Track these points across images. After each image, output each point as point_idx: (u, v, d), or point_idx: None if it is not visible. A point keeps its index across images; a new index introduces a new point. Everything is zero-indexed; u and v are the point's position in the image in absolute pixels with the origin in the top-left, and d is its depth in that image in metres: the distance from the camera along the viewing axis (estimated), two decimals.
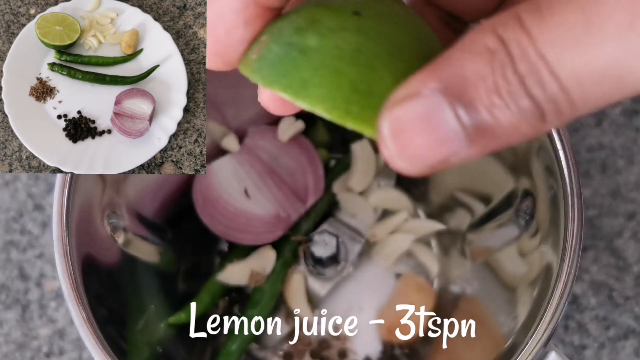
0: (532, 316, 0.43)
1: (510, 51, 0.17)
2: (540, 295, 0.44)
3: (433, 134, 0.17)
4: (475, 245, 0.57)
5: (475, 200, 0.57)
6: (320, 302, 0.61)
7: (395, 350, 0.61)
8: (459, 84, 0.17)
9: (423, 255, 0.63)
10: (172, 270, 0.58)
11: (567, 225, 0.41)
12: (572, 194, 0.41)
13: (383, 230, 0.61)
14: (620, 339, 0.61)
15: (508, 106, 0.17)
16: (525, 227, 0.48)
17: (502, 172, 0.51)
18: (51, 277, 0.64)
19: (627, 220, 0.64)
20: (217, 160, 0.59)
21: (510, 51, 0.17)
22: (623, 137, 0.67)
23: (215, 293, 0.58)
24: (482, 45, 0.17)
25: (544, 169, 0.44)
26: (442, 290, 0.62)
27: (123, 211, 0.50)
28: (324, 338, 0.61)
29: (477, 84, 0.17)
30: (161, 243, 0.56)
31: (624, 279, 0.62)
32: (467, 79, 0.17)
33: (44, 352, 0.62)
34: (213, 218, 0.58)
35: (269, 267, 0.58)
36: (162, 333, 0.52)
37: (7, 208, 0.67)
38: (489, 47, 0.17)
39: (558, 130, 0.42)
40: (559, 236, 0.42)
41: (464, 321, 0.55)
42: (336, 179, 0.62)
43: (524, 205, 0.48)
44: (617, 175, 0.65)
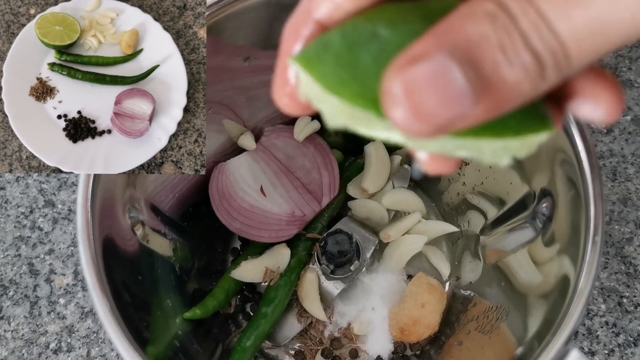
0: (550, 317, 0.43)
1: (511, 12, 0.18)
2: (557, 299, 0.43)
3: (443, 93, 0.18)
4: (489, 248, 0.57)
5: (488, 203, 0.57)
6: (333, 302, 0.61)
7: (406, 350, 0.61)
8: (464, 45, 0.18)
9: (435, 256, 0.63)
10: (187, 266, 0.58)
11: (588, 230, 0.41)
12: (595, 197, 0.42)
13: (396, 231, 0.61)
14: (630, 346, 0.61)
15: (512, 62, 0.18)
16: (543, 229, 0.48)
17: (518, 179, 0.51)
18: (60, 274, 0.64)
19: (638, 228, 0.64)
20: (233, 158, 0.60)
21: (511, 12, 0.18)
22: (634, 144, 0.67)
23: (229, 290, 0.58)
24: (482, 10, 0.18)
25: (565, 175, 0.44)
26: (454, 291, 0.62)
27: (142, 205, 0.50)
28: (336, 337, 0.61)
29: (482, 44, 0.18)
30: (177, 238, 0.56)
31: (634, 285, 0.62)
32: (471, 40, 0.18)
33: (52, 348, 0.62)
34: (229, 215, 0.58)
35: (283, 265, 0.58)
36: (177, 328, 0.52)
37: (17, 204, 0.67)
38: (489, 11, 0.18)
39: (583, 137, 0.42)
40: (579, 240, 0.42)
41: (476, 322, 0.56)
42: (351, 180, 0.63)
43: (542, 206, 0.48)
44: (627, 183, 0.66)
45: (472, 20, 0.18)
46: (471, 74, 0.18)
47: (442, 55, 0.18)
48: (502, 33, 0.18)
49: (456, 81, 0.18)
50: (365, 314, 0.60)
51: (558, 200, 0.46)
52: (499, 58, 0.18)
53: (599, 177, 0.42)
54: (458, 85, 0.18)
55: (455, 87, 0.18)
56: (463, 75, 0.18)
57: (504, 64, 0.18)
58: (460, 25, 0.18)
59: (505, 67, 0.18)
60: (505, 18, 0.18)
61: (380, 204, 0.62)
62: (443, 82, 0.18)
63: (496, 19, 0.18)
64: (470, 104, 0.18)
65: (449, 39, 0.18)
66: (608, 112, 0.21)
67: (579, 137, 0.42)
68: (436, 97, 0.18)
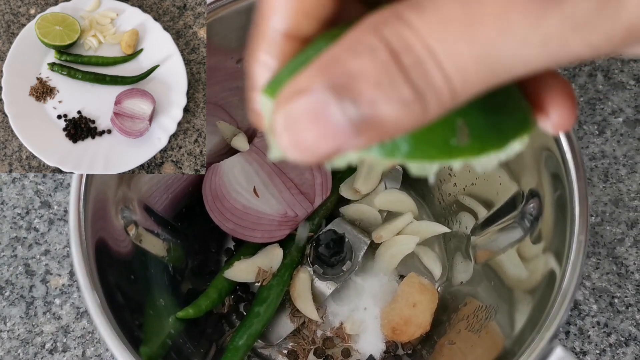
0: (536, 315, 0.44)
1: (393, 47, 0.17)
2: (543, 296, 0.44)
3: (321, 128, 0.18)
4: (479, 248, 0.57)
5: (479, 203, 0.57)
6: (326, 301, 0.62)
7: (398, 350, 0.61)
8: (343, 80, 0.17)
9: (427, 256, 0.63)
10: (180, 266, 0.58)
11: (573, 229, 0.42)
12: (580, 197, 0.42)
13: (388, 232, 0.61)
14: (621, 346, 0.61)
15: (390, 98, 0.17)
16: (530, 228, 0.48)
17: (507, 178, 0.51)
18: (56, 274, 0.64)
19: (629, 228, 0.65)
20: (227, 159, 0.60)
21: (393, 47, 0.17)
22: (625, 146, 0.67)
23: (222, 290, 0.58)
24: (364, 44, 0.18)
25: (551, 175, 0.44)
26: (446, 291, 0.63)
27: (135, 206, 0.50)
28: (328, 337, 0.62)
29: (360, 80, 0.17)
30: (170, 239, 0.56)
31: (625, 286, 0.63)
32: (350, 75, 0.18)
33: (48, 348, 0.62)
34: (222, 215, 0.58)
35: (276, 265, 0.58)
36: (170, 327, 0.52)
37: (13, 205, 0.67)
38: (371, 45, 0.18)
39: (568, 137, 0.42)
40: (564, 239, 0.42)
41: (467, 322, 0.56)
42: (343, 180, 0.63)
43: (529, 206, 0.48)
44: (619, 184, 0.66)
45: (354, 54, 0.18)
46: (350, 110, 0.17)
47: (321, 91, 0.18)
48: (381, 69, 0.17)
49: (334, 116, 0.18)
50: (357, 314, 0.61)
51: (545, 200, 0.46)
52: (376, 94, 0.17)
53: (583, 176, 0.42)
54: (336, 121, 0.18)
55: (333, 122, 0.18)
56: (341, 112, 0.18)
57: (381, 100, 0.17)
58: (341, 59, 0.18)
59: (383, 103, 0.17)
60: (386, 54, 0.17)
61: (372, 204, 0.62)
62: (321, 117, 0.18)
63: (376, 53, 0.17)
64: (350, 137, 0.18)
65: (330, 73, 0.18)
66: (556, 125, 0.21)
67: (563, 137, 0.42)
68: (315, 131, 0.18)
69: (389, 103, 0.17)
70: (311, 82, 0.18)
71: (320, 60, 0.18)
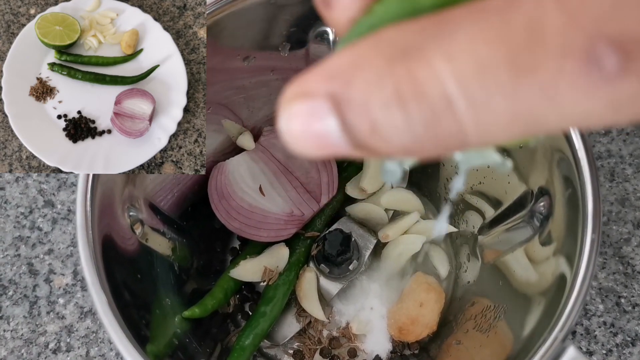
0: (548, 315, 0.43)
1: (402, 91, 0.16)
2: (555, 296, 0.44)
3: (319, 137, 0.17)
4: (487, 247, 0.57)
5: (486, 202, 0.57)
6: (332, 301, 0.61)
7: (405, 350, 0.61)
8: (345, 98, 0.17)
9: (434, 256, 0.63)
10: (186, 265, 0.58)
11: (585, 228, 0.41)
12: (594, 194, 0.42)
13: (395, 231, 0.61)
14: (627, 346, 0.61)
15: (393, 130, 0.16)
16: (540, 227, 0.48)
17: (516, 177, 0.51)
18: (60, 274, 0.64)
19: (635, 228, 0.64)
20: (232, 158, 0.60)
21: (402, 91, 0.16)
22: (632, 145, 0.67)
23: (228, 289, 0.58)
24: (386, 77, 0.16)
25: (562, 173, 0.44)
26: (453, 290, 0.62)
27: (141, 204, 0.50)
28: (334, 337, 0.61)
29: (361, 108, 0.16)
30: (176, 238, 0.56)
31: (632, 285, 0.63)
32: (352, 100, 0.16)
33: (51, 348, 0.62)
34: (228, 214, 0.58)
35: (282, 264, 0.58)
36: (177, 327, 0.52)
37: (16, 204, 0.67)
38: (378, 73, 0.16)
39: (580, 134, 0.42)
40: (576, 237, 0.42)
41: (474, 322, 0.56)
42: (349, 179, 0.63)
43: (539, 205, 0.48)
44: (625, 183, 0.66)
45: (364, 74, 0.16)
46: (348, 130, 0.17)
47: (322, 99, 0.17)
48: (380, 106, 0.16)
49: (331, 129, 0.17)
50: (363, 314, 0.61)
51: (555, 199, 0.46)
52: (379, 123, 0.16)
53: (596, 175, 0.42)
54: (334, 134, 0.17)
55: (330, 134, 0.17)
56: (338, 126, 0.17)
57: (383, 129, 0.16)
58: (353, 76, 0.17)
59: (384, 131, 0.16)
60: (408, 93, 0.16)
61: (379, 203, 0.62)
62: (319, 127, 0.17)
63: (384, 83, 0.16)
64: (348, 149, 0.17)
65: (338, 86, 0.17)
66: None
67: (576, 136, 0.42)
68: (314, 139, 0.17)
69: (390, 134, 0.16)
70: (314, 86, 0.17)
71: (331, 63, 0.17)
